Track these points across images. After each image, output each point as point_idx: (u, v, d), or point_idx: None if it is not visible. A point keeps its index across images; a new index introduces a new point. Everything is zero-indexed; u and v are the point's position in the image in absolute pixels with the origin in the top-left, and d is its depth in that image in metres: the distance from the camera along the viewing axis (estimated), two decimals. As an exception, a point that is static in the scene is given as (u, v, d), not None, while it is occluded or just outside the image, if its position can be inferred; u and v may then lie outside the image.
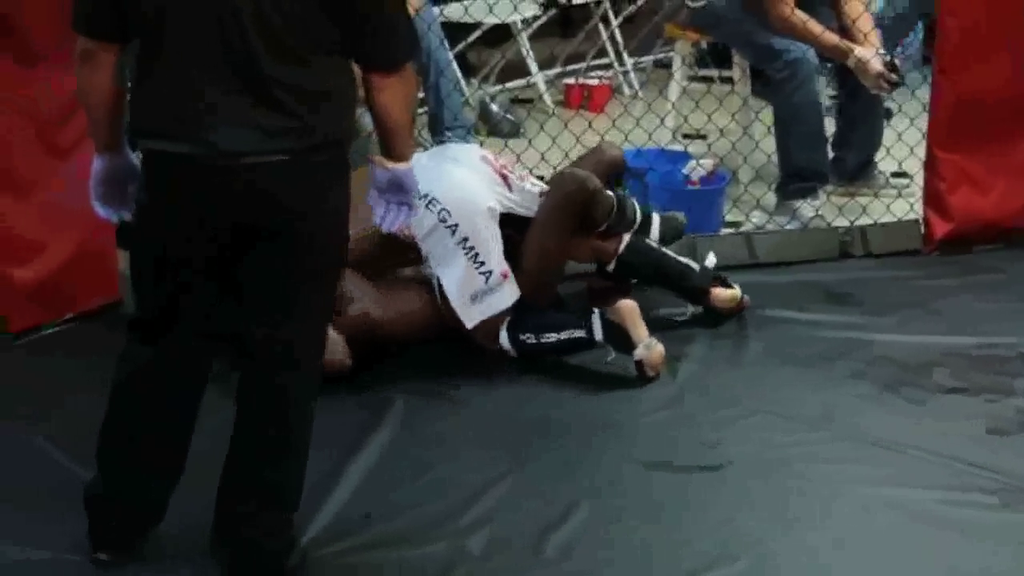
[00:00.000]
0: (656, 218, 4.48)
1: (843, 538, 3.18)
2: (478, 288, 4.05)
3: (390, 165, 2.93)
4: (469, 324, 4.07)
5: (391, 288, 4.15)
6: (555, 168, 4.75)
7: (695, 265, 4.45)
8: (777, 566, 3.07)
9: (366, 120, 3.21)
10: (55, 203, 4.25)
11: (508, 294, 4.08)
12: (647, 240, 4.43)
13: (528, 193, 4.18)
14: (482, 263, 4.04)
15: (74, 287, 4.38)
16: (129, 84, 2.85)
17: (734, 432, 3.69)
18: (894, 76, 5.08)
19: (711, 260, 4.54)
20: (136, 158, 2.92)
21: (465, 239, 4.03)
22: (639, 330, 4.01)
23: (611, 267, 4.41)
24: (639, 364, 4.00)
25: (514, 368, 4.07)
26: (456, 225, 4.02)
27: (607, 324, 4.03)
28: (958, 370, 4.05)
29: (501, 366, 4.08)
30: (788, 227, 5.20)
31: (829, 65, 5.44)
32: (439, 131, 5.92)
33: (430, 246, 4.06)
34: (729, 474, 3.48)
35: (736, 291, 4.45)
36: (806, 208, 5.25)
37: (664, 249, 4.44)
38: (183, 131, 2.75)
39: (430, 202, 4.01)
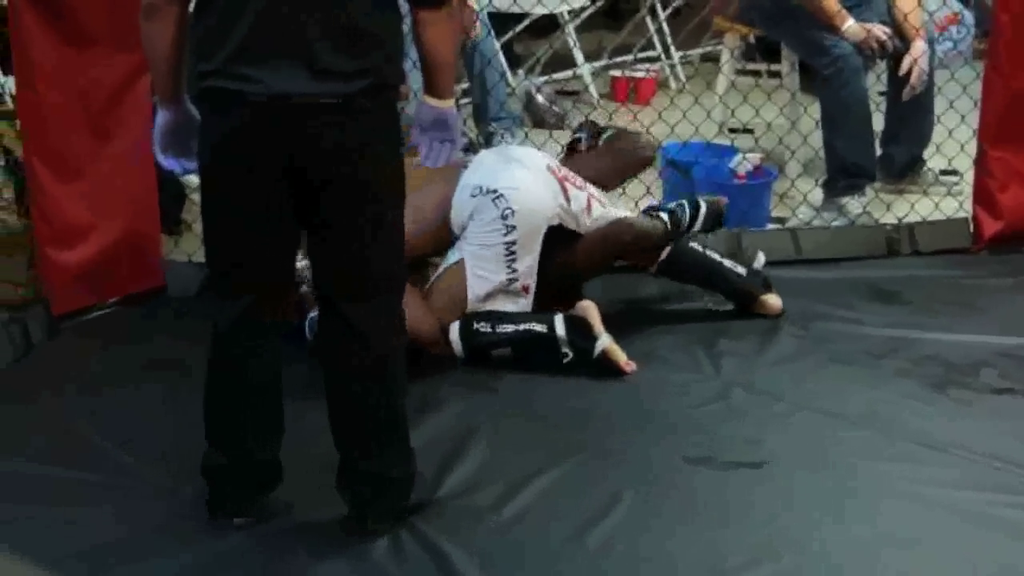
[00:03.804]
0: (703, 207, 4.41)
1: (889, 537, 3.15)
2: (497, 290, 4.05)
3: (434, 103, 2.98)
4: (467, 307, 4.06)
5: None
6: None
7: (742, 269, 4.41)
8: (821, 564, 3.04)
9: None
10: (101, 186, 4.27)
11: (519, 306, 4.07)
12: (692, 244, 4.38)
13: (581, 212, 4.14)
14: (514, 270, 4.04)
15: (118, 272, 4.40)
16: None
17: (778, 429, 3.67)
18: (883, 36, 5.10)
19: (760, 261, 4.49)
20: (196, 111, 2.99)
21: (513, 242, 4.01)
22: (599, 325, 3.99)
23: (653, 270, 4.39)
24: (604, 355, 3.97)
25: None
26: (513, 227, 3.99)
27: (568, 319, 4.00)
28: (1006, 370, 4.00)
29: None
30: (835, 223, 5.18)
31: (880, 60, 5.41)
32: (484, 121, 5.92)
33: (475, 231, 4.03)
34: (773, 471, 3.45)
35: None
36: (853, 204, 5.22)
37: (708, 251, 4.39)
38: (235, 70, 2.81)
39: (497, 197, 3.99)
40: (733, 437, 3.62)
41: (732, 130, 5.83)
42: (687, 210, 4.32)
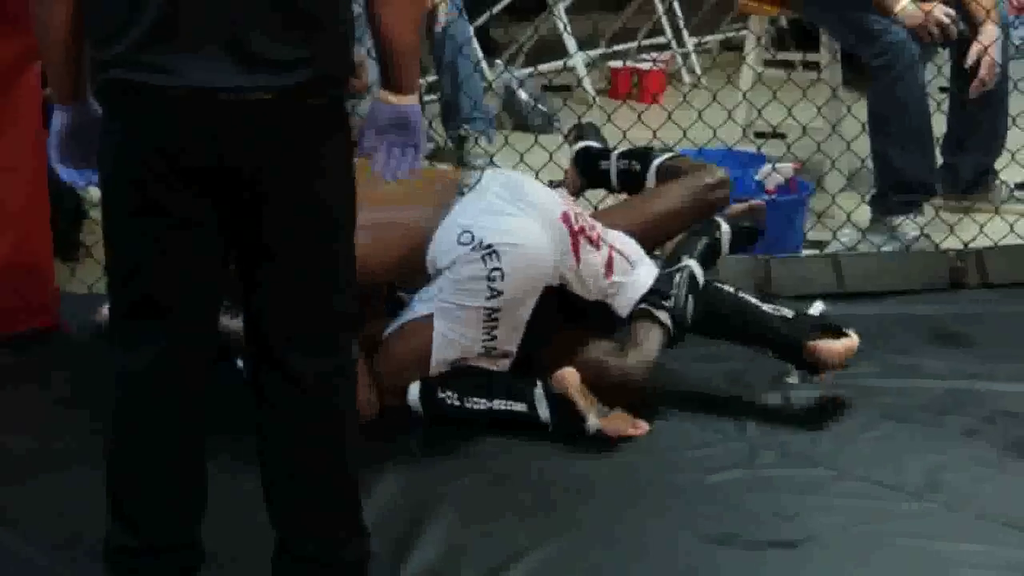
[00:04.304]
0: (724, 230, 4.38)
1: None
2: (468, 355, 4.04)
3: (393, 99, 2.96)
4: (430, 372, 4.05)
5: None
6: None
7: (788, 312, 4.30)
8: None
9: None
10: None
11: (497, 367, 4.07)
12: (722, 286, 4.30)
13: (596, 275, 4.09)
14: (493, 336, 4.02)
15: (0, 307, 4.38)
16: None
17: (817, 501, 3.66)
18: (945, 19, 5.13)
19: (817, 308, 4.36)
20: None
21: (497, 309, 3.97)
22: (584, 401, 3.96)
23: None
24: (601, 433, 3.94)
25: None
26: (500, 293, 3.94)
27: (551, 399, 3.98)
28: (1099, 430, 4.02)
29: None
30: (885, 249, 5.18)
31: (942, 49, 5.43)
32: (454, 122, 5.93)
33: (451, 286, 3.95)
34: (810, 553, 3.43)
35: (852, 340, 4.21)
36: (908, 226, 5.23)
37: (744, 295, 4.30)
38: (145, 58, 2.78)
39: (489, 254, 3.90)
40: (761, 511, 3.61)
41: (759, 134, 5.86)
42: (695, 274, 4.21)
